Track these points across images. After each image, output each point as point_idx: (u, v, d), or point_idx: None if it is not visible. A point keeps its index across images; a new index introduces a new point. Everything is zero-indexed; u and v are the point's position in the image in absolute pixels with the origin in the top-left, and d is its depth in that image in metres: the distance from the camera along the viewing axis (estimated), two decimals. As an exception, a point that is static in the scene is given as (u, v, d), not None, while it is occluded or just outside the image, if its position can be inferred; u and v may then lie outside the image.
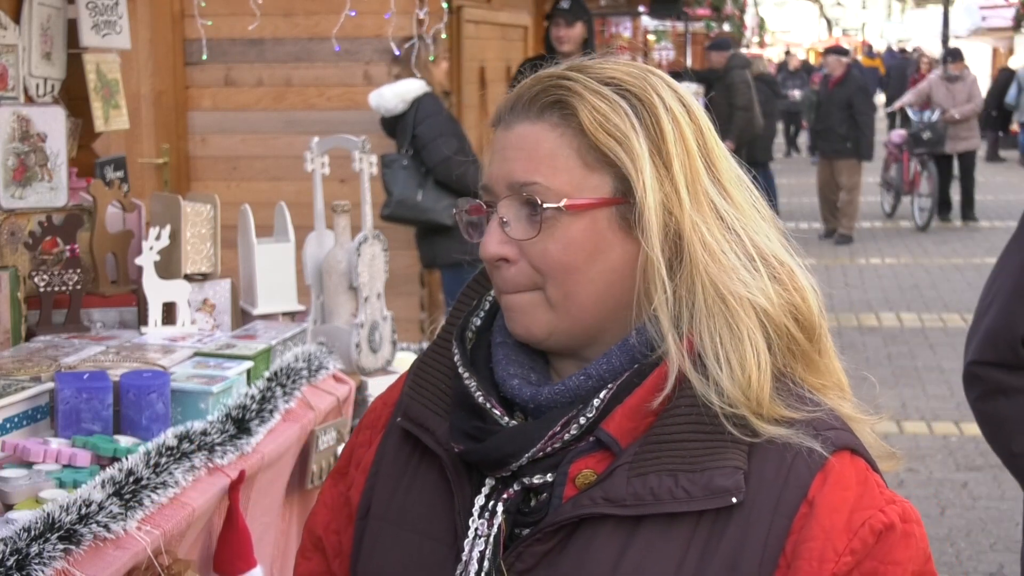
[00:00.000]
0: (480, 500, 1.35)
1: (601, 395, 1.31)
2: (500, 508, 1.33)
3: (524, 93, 1.36)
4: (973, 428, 7.09)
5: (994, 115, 22.36)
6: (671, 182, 1.31)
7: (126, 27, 3.63)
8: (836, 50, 15.05)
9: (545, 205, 1.31)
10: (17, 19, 3.23)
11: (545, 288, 1.34)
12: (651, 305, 1.31)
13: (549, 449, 1.31)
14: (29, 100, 3.25)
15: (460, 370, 1.39)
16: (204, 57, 4.90)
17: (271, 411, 2.59)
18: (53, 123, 3.05)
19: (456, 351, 1.41)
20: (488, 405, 1.35)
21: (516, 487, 1.34)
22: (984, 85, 23.71)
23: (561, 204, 1.31)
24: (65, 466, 2.17)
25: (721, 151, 1.37)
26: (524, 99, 1.36)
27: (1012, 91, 21.92)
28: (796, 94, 22.57)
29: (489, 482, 1.35)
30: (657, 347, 1.32)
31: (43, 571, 1.79)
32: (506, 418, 1.34)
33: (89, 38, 3.48)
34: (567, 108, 1.32)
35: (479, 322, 1.45)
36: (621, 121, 1.31)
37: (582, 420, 1.31)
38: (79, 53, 3.46)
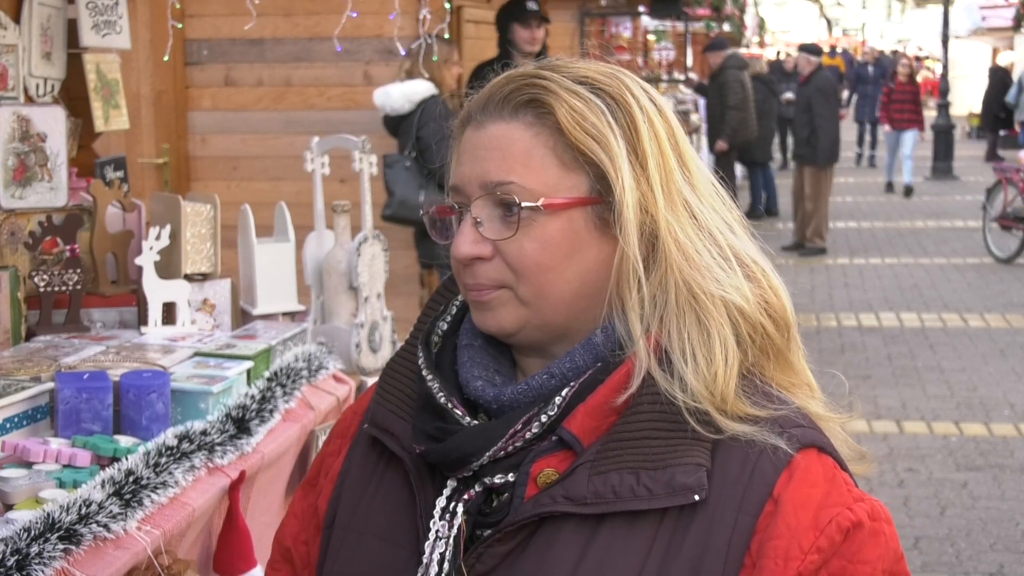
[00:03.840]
0: (441, 501, 1.34)
1: (563, 393, 1.30)
2: (460, 509, 1.32)
3: (496, 92, 1.35)
4: (973, 428, 7.10)
5: (1002, 116, 22.32)
6: (647, 181, 1.31)
7: (126, 27, 3.63)
8: (807, 48, 14.27)
9: (524, 204, 1.30)
10: (17, 19, 3.23)
11: (516, 287, 1.33)
12: (623, 304, 1.31)
13: (510, 448, 1.31)
14: (29, 100, 3.25)
15: (423, 372, 1.38)
16: (166, 59, 4.89)
17: (271, 411, 2.59)
18: (53, 123, 3.05)
19: (421, 354, 1.40)
20: (449, 405, 1.34)
21: (477, 488, 1.33)
22: (983, 86, 23.71)
23: (539, 203, 1.30)
24: (65, 466, 2.17)
25: (691, 151, 1.37)
26: (496, 98, 1.34)
27: (1013, 91, 21.89)
28: (791, 95, 21.90)
29: (451, 483, 1.35)
30: (624, 345, 1.31)
31: (43, 571, 1.79)
32: (467, 418, 1.34)
33: (89, 38, 3.48)
34: (543, 107, 1.31)
35: (445, 326, 1.44)
36: (598, 120, 1.31)
37: (543, 418, 1.30)
38: (79, 53, 3.46)
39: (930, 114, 21.87)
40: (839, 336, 9.32)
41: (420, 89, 6.06)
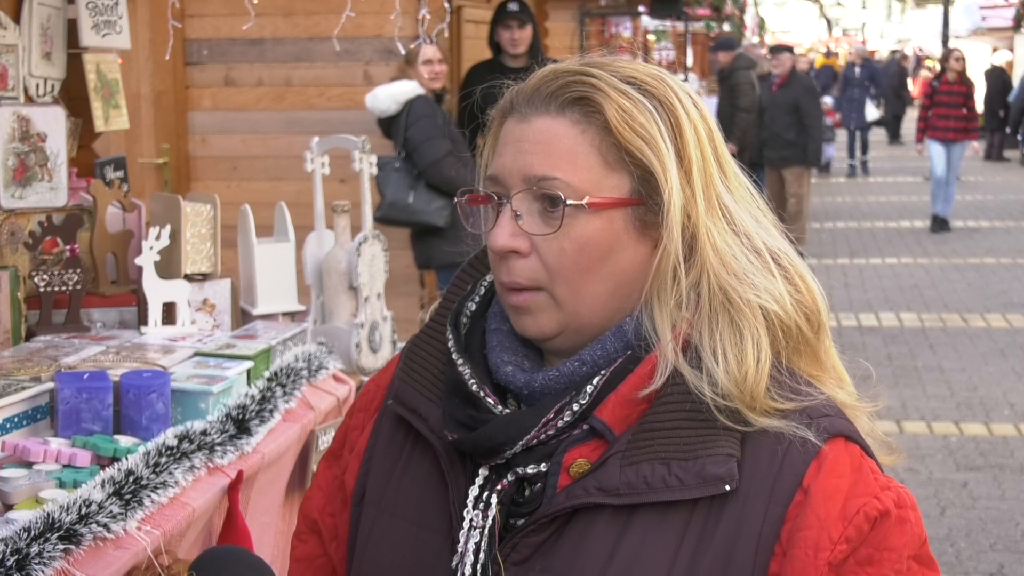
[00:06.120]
0: (474, 490, 1.35)
1: (594, 382, 1.31)
2: (494, 499, 1.33)
3: (543, 86, 1.35)
4: (973, 428, 7.10)
5: (1002, 116, 22.24)
6: (689, 185, 1.31)
7: (126, 27, 3.63)
8: (779, 48, 13.76)
9: (568, 201, 1.30)
10: (17, 19, 3.23)
11: (552, 288, 1.33)
12: (654, 305, 1.32)
13: (543, 437, 1.31)
14: (29, 100, 3.24)
15: (454, 356, 1.39)
16: (167, 58, 4.87)
17: (271, 411, 2.59)
18: (53, 123, 3.05)
19: (450, 337, 1.41)
20: (482, 393, 1.35)
21: (510, 477, 1.34)
22: (982, 86, 23.66)
23: (584, 201, 1.30)
24: (65, 466, 2.17)
25: (727, 155, 1.37)
26: (544, 92, 1.34)
27: (1015, 91, 21.84)
28: None
29: (483, 472, 1.35)
30: (651, 340, 1.32)
31: (43, 571, 1.79)
32: (499, 407, 1.34)
33: (89, 38, 3.47)
34: (591, 105, 1.31)
35: (474, 307, 1.45)
36: (647, 121, 1.31)
37: (575, 407, 1.31)
38: (79, 53, 3.46)
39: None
40: (839, 336, 9.32)
41: (405, 89, 6.06)
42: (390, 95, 6.06)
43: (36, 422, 2.37)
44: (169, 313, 2.96)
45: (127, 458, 2.15)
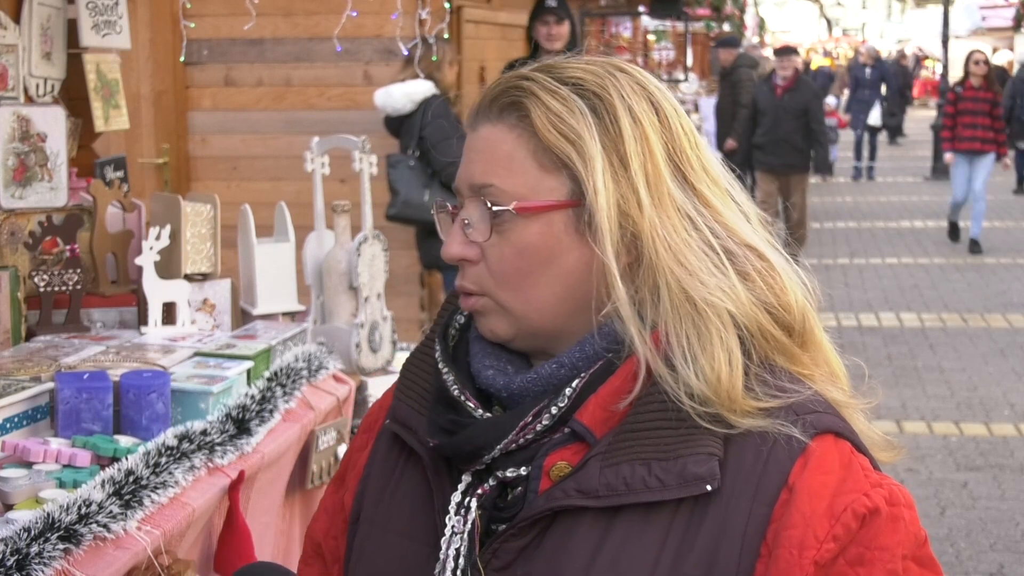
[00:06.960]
0: (456, 496, 1.34)
1: (573, 384, 1.30)
2: (474, 503, 1.33)
3: (487, 95, 1.36)
4: (973, 428, 7.10)
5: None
6: (629, 183, 1.29)
7: (126, 27, 3.63)
8: (789, 50, 12.72)
9: (495, 208, 1.31)
10: (17, 19, 3.23)
11: (495, 293, 1.34)
12: (617, 307, 1.29)
13: (522, 440, 1.30)
14: (29, 100, 3.25)
15: (439, 365, 1.39)
16: (182, 59, 4.86)
17: (271, 411, 2.59)
18: (53, 123, 3.05)
19: (438, 347, 1.41)
20: (462, 398, 1.35)
21: (491, 482, 1.33)
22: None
23: (511, 207, 1.30)
24: (65, 466, 2.17)
25: (694, 149, 1.34)
26: (486, 101, 1.35)
27: (1006, 91, 21.77)
28: None
29: (466, 478, 1.35)
30: (629, 344, 1.30)
31: (43, 571, 1.79)
32: (480, 410, 1.34)
33: (89, 38, 3.48)
34: (522, 109, 1.31)
35: (463, 319, 1.45)
36: (575, 121, 1.29)
37: (553, 410, 1.30)
38: (79, 53, 3.47)
39: (930, 114, 21.46)
40: (839, 336, 9.30)
41: (421, 89, 6.06)
42: (406, 94, 6.06)
43: (36, 422, 2.37)
44: (169, 313, 2.96)
45: (127, 458, 2.16)
